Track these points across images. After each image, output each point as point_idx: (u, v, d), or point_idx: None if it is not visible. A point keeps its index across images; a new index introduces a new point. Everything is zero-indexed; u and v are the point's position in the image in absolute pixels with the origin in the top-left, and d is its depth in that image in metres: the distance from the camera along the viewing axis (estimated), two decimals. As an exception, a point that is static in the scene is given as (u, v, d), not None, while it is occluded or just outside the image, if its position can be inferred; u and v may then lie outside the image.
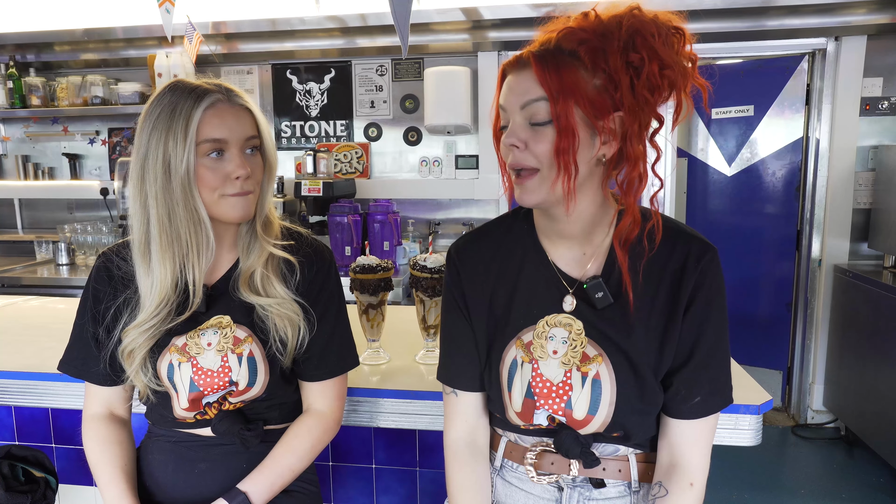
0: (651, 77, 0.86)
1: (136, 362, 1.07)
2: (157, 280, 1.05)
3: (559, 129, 0.87)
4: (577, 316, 0.98)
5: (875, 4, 2.93)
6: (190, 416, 1.10)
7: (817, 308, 3.36)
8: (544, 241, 1.03)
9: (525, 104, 0.89)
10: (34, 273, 3.29)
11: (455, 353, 1.07)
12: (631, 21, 0.86)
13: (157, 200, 1.01)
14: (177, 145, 0.99)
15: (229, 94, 1.04)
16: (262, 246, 1.11)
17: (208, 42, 3.40)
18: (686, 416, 0.96)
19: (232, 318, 1.10)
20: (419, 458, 1.48)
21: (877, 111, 3.16)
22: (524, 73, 0.90)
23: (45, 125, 3.90)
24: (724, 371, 0.98)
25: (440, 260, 1.38)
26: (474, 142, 3.50)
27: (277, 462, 1.11)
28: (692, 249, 0.95)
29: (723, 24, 3.08)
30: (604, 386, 0.95)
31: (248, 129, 1.05)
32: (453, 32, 3.28)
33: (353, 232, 3.03)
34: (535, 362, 0.98)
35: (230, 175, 1.03)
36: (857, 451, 3.13)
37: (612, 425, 0.96)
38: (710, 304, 0.95)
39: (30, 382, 1.40)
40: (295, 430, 1.14)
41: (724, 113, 3.61)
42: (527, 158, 0.91)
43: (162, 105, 1.01)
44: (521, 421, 1.00)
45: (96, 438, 1.14)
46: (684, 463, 0.96)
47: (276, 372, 1.11)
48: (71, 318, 1.16)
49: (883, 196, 3.09)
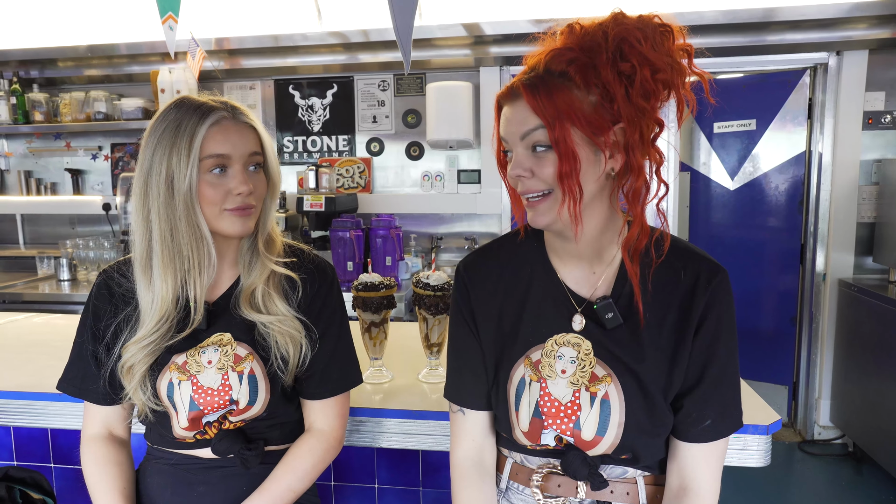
0: (644, 83, 0.85)
1: (135, 379, 1.06)
2: (158, 295, 1.04)
3: (560, 154, 0.86)
4: (585, 336, 0.96)
5: (876, 19, 2.94)
6: (189, 435, 1.08)
7: (822, 322, 3.34)
8: (554, 258, 1.02)
9: (524, 134, 0.89)
10: (35, 289, 3.28)
11: (463, 370, 1.05)
12: (616, 30, 0.85)
13: (160, 216, 1.01)
14: (180, 161, 0.99)
15: (234, 112, 1.05)
16: (263, 263, 1.11)
17: (211, 58, 3.42)
18: (697, 440, 0.95)
19: (233, 335, 1.09)
20: (422, 477, 1.46)
21: (880, 125, 3.16)
22: (518, 103, 0.89)
23: (47, 141, 3.91)
24: (735, 394, 0.97)
25: (443, 277, 1.37)
26: (476, 156, 3.50)
27: (278, 483, 1.09)
28: (702, 270, 0.94)
29: (724, 38, 3.09)
30: (613, 407, 0.93)
31: (251, 146, 1.05)
32: (455, 48, 3.30)
33: (355, 247, 3.02)
34: (543, 381, 0.96)
35: (232, 191, 1.03)
36: (865, 467, 3.08)
37: (620, 447, 0.94)
38: (720, 326, 0.94)
39: (28, 402, 1.38)
40: (295, 451, 1.12)
41: (727, 127, 3.61)
42: (536, 184, 0.90)
43: (167, 121, 1.01)
44: (528, 441, 0.98)
45: (95, 460, 1.12)
46: (695, 487, 0.95)
47: (277, 390, 1.10)
48: (71, 334, 1.15)
49: (887, 210, 3.08)
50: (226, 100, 1.06)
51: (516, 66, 3.37)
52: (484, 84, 3.39)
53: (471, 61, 3.34)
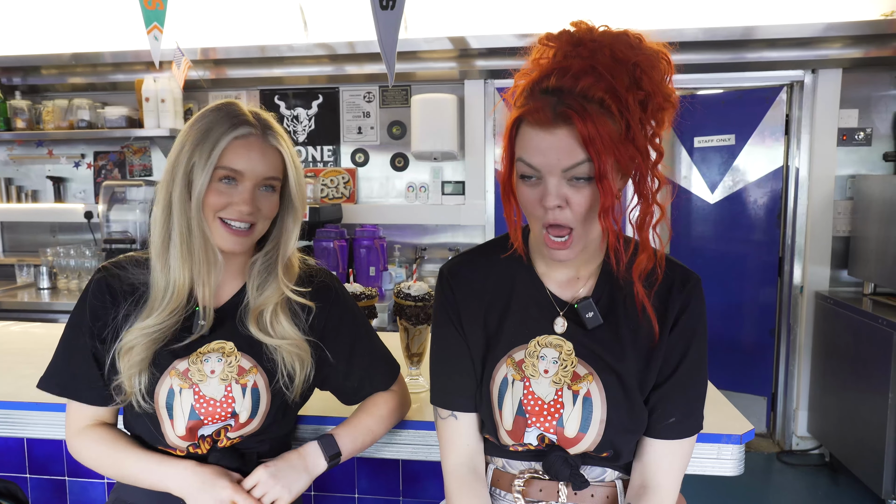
0: (655, 112, 0.87)
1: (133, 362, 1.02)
2: (174, 285, 1.04)
3: (602, 190, 0.85)
4: (567, 338, 0.99)
5: (850, 39, 3.03)
6: (183, 446, 1.06)
7: (800, 334, 3.39)
8: (538, 263, 1.04)
9: (569, 167, 0.86)
10: (14, 297, 3.24)
11: (451, 372, 1.05)
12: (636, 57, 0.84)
13: (180, 210, 1.03)
14: (199, 163, 1.01)
15: (265, 132, 1.05)
16: (279, 287, 1.10)
17: (197, 67, 3.42)
18: (661, 436, 0.98)
19: (236, 345, 1.09)
20: (402, 487, 1.46)
21: (853, 141, 3.24)
22: (561, 131, 0.84)
23: (29, 148, 3.88)
24: (700, 397, 1.01)
25: (424, 288, 1.38)
26: (460, 168, 3.53)
27: (360, 421, 1.15)
28: (677, 275, 0.99)
29: (704, 55, 3.16)
30: (595, 404, 0.96)
31: (270, 169, 1.05)
32: (440, 60, 3.33)
33: (339, 257, 3.02)
34: (526, 380, 0.98)
35: (234, 204, 1.03)
36: (841, 477, 3.13)
37: (602, 444, 0.97)
38: (693, 327, 0.98)
39: (4, 412, 1.36)
40: (371, 400, 1.19)
41: (707, 141, 3.68)
42: (567, 217, 0.89)
43: (202, 122, 1.03)
44: (511, 440, 1.00)
45: (96, 438, 1.08)
46: (654, 485, 0.98)
47: (276, 405, 1.10)
48: (51, 344, 1.13)
49: (861, 224, 3.15)
50: (266, 117, 1.07)
51: (501, 79, 3.43)
52: (469, 97, 3.43)
53: (456, 74, 3.37)
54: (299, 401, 1.16)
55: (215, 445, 1.07)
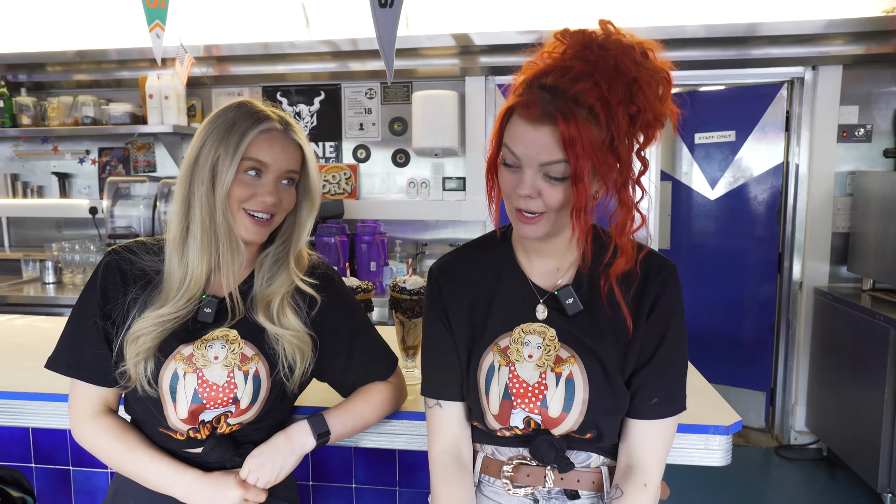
0: (644, 128, 0.91)
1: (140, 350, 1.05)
2: (192, 276, 1.07)
3: (577, 192, 0.90)
4: (549, 324, 1.03)
5: (850, 36, 3.03)
6: (184, 429, 1.08)
7: (799, 330, 3.41)
8: (521, 256, 1.09)
9: (545, 164, 0.91)
10: (20, 291, 3.28)
11: (438, 365, 1.10)
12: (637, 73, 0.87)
13: (202, 203, 1.05)
14: (226, 157, 1.04)
15: (286, 127, 1.09)
16: (290, 277, 1.14)
17: (200, 64, 3.45)
18: (644, 416, 1.02)
19: (239, 333, 1.12)
20: (399, 477, 1.49)
21: (853, 138, 3.25)
22: (544, 129, 0.89)
23: (34, 144, 3.92)
24: (681, 379, 1.04)
25: (419, 282, 1.40)
26: (461, 164, 3.55)
27: (353, 405, 1.18)
28: (653, 262, 1.03)
29: (706, 52, 3.17)
30: (577, 385, 1.00)
31: (291, 163, 1.09)
32: (442, 57, 3.35)
33: (339, 253, 3.05)
34: (511, 365, 1.03)
35: (258, 196, 1.06)
36: (839, 472, 3.15)
37: (584, 424, 1.00)
38: (669, 313, 1.02)
39: (10, 402, 1.39)
40: (367, 388, 1.22)
41: (707, 138, 3.69)
42: (538, 206, 0.95)
43: (224, 118, 1.06)
44: (498, 424, 1.03)
45: (105, 428, 1.09)
46: (640, 465, 1.01)
47: (275, 393, 1.13)
48: (54, 338, 1.14)
49: (860, 221, 3.16)
50: (283, 114, 1.11)
51: (502, 76, 3.44)
52: (470, 93, 3.44)
53: (457, 71, 3.39)
54: (297, 391, 1.19)
55: (214, 432, 1.09)
